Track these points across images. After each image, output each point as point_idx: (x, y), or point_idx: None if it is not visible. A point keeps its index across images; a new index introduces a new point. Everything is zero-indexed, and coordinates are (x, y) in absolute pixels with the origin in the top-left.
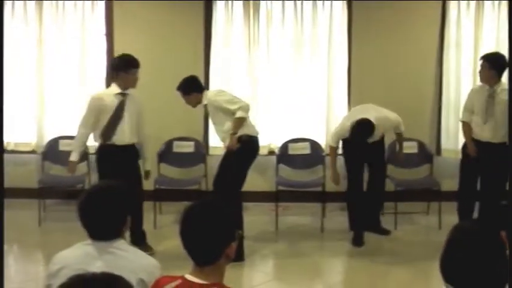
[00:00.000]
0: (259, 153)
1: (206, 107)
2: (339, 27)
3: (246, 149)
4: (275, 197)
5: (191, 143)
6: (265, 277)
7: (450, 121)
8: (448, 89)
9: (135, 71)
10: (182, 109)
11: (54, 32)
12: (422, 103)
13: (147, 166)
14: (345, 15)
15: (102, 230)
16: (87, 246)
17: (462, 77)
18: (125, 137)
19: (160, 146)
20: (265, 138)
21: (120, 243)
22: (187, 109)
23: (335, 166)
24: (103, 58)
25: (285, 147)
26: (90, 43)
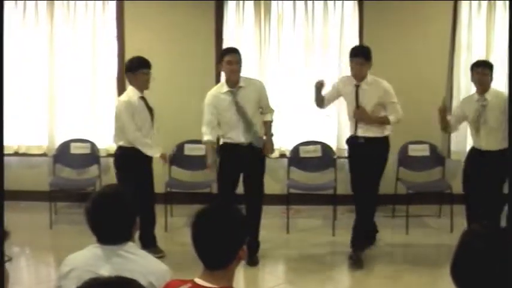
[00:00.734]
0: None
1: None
2: (350, 27)
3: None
4: (286, 199)
5: (203, 146)
6: (277, 280)
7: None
8: (458, 91)
9: (145, 72)
10: (193, 111)
11: (65, 34)
12: (433, 105)
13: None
14: (356, 15)
15: (110, 234)
16: (97, 248)
17: None
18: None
19: (171, 148)
20: (276, 141)
21: (129, 247)
22: (199, 111)
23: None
24: (114, 60)
25: (296, 150)
26: (101, 45)
